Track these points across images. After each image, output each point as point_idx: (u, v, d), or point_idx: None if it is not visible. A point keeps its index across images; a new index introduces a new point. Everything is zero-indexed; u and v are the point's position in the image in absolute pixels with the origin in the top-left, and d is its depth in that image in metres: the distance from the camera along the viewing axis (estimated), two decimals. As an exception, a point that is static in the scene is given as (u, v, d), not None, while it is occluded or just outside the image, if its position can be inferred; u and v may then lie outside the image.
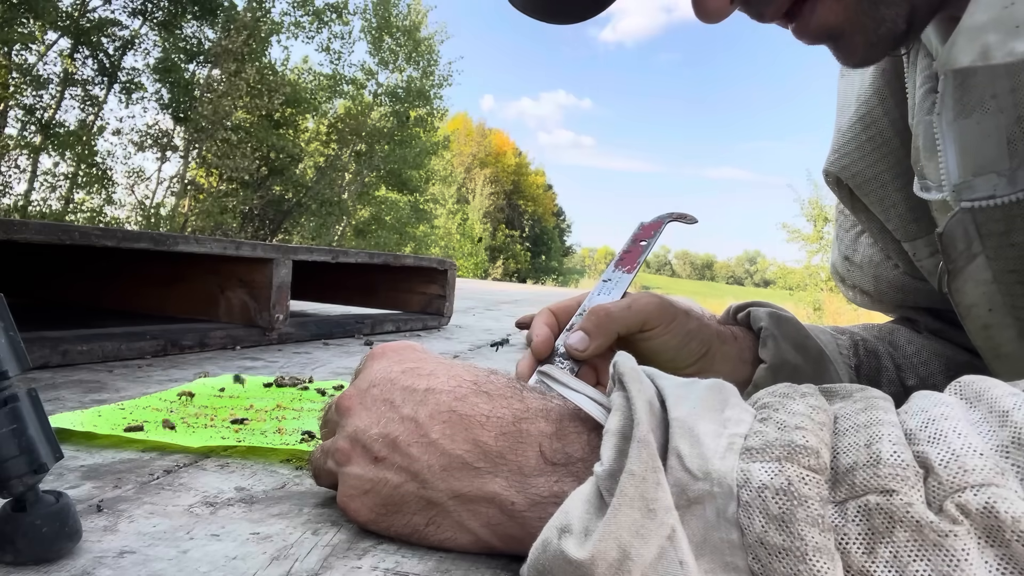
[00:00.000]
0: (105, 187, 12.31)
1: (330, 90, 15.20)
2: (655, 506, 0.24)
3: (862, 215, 0.59)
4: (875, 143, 0.53)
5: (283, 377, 0.74)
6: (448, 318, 1.59)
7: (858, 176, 0.55)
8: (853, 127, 0.55)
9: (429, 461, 0.32)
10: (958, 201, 0.44)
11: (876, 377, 0.61)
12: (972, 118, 0.42)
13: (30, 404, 0.30)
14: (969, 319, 0.49)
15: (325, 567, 0.31)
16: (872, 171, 0.54)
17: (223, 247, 1.01)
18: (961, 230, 0.45)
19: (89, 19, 11.36)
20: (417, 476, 0.33)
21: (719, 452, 0.26)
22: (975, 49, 0.35)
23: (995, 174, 0.42)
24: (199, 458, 0.47)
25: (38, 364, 0.76)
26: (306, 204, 14.79)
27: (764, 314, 0.56)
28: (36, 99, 11.20)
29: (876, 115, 0.53)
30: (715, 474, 0.25)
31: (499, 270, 32.67)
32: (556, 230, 43.63)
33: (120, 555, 0.31)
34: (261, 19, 12.83)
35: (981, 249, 0.45)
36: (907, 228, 0.54)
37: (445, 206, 23.55)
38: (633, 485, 0.25)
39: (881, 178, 0.54)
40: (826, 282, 13.85)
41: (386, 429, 0.34)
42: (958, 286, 0.48)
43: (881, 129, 0.53)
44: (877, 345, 0.63)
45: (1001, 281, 0.45)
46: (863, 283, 0.66)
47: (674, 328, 0.51)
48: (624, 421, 0.27)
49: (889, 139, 0.53)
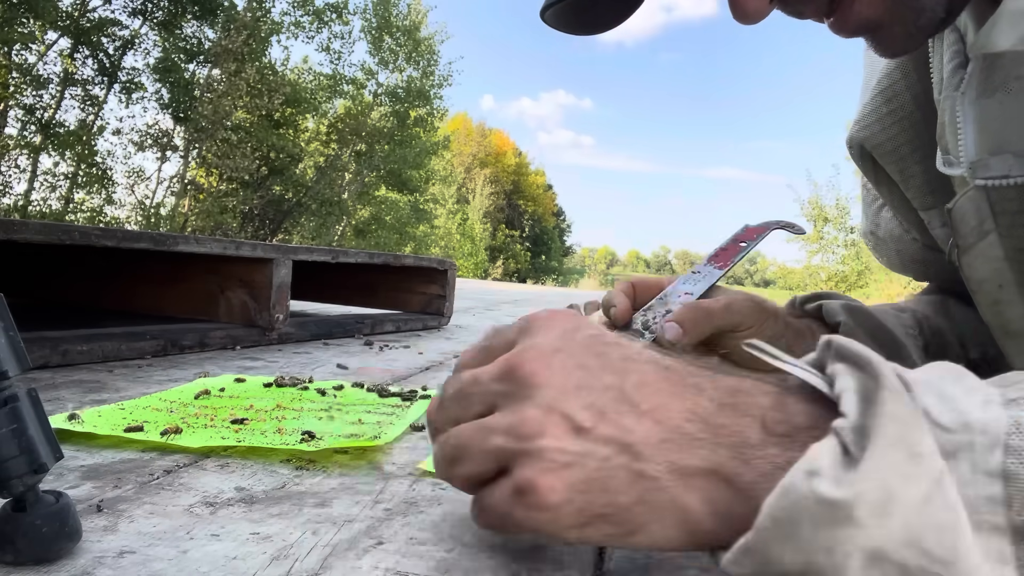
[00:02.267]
0: (105, 187, 12.31)
1: (330, 90, 15.20)
2: (919, 449, 0.23)
3: (884, 187, 0.60)
4: (896, 116, 0.55)
5: (283, 377, 0.74)
6: (448, 318, 1.59)
7: (879, 147, 0.56)
8: (875, 99, 0.56)
9: (645, 432, 0.29)
10: (973, 178, 0.44)
11: (943, 354, 0.61)
12: (995, 98, 0.42)
13: (30, 404, 0.30)
14: (980, 294, 0.50)
15: (325, 567, 0.31)
16: (892, 143, 0.56)
17: (223, 247, 1.01)
18: (973, 207, 0.46)
19: (89, 19, 11.36)
20: (630, 448, 0.29)
21: (976, 405, 0.25)
22: (1016, 33, 0.35)
23: (1011, 155, 0.42)
24: (199, 458, 0.47)
25: (38, 364, 0.76)
26: (306, 204, 14.80)
27: (839, 308, 0.57)
28: (36, 99, 11.21)
29: (898, 89, 0.55)
30: (976, 424, 0.24)
31: (499, 270, 32.66)
32: (556, 230, 43.62)
33: (120, 555, 0.31)
34: (261, 19, 12.83)
35: (994, 227, 0.46)
36: (924, 199, 0.56)
37: (445, 206, 23.55)
38: (895, 428, 0.23)
39: (901, 150, 0.55)
40: (826, 282, 13.85)
41: (589, 398, 0.30)
42: (969, 261, 0.49)
43: (903, 103, 0.54)
44: (939, 322, 0.64)
45: (1012, 259, 0.46)
46: (888, 256, 0.68)
47: (764, 330, 0.52)
48: (861, 382, 0.26)
49: (911, 112, 0.54)
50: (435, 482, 0.45)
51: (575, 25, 0.47)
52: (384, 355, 1.06)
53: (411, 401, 0.69)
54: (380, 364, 0.97)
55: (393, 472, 0.47)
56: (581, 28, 0.47)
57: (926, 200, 0.56)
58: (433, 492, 0.43)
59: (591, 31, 0.47)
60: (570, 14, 0.46)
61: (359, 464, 0.48)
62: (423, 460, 0.49)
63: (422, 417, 0.63)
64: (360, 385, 0.75)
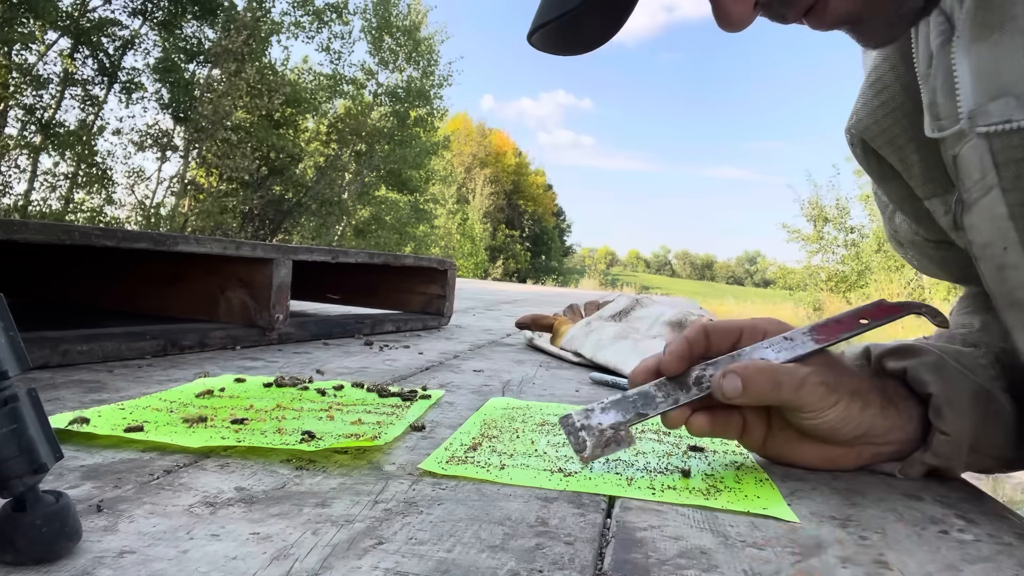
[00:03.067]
0: (105, 187, 12.31)
1: (330, 90, 15.21)
2: None
3: (890, 183, 0.59)
4: (887, 108, 0.54)
5: (283, 377, 0.74)
6: (448, 318, 1.59)
7: (876, 139, 0.56)
8: (865, 92, 0.56)
9: None
10: (973, 128, 0.43)
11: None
12: (990, 40, 0.41)
13: (30, 404, 0.30)
14: (983, 260, 0.48)
15: (325, 567, 0.31)
16: (887, 135, 0.55)
17: (223, 247, 1.01)
18: (976, 158, 0.45)
19: (89, 19, 11.35)
20: None
21: None
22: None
23: (1013, 97, 0.41)
24: (199, 458, 0.47)
25: (38, 364, 0.76)
26: (306, 204, 14.79)
27: (928, 371, 0.51)
28: (36, 99, 11.21)
29: (888, 80, 0.54)
30: None
31: (499, 270, 32.66)
32: (556, 230, 43.61)
33: (120, 555, 0.31)
34: (261, 19, 12.83)
35: (996, 181, 0.44)
36: (924, 187, 0.55)
37: (445, 206, 23.55)
38: None
39: (896, 140, 0.55)
40: (826, 282, 13.85)
41: None
42: (972, 222, 0.48)
43: (893, 93, 0.54)
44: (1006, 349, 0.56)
45: (1016, 217, 0.44)
46: (918, 260, 0.66)
47: (825, 417, 0.48)
48: None
49: (902, 103, 0.53)
50: (435, 482, 0.45)
51: (562, 46, 0.47)
52: (384, 355, 1.06)
53: (411, 401, 0.69)
54: (380, 364, 0.97)
55: (393, 472, 0.47)
56: (568, 49, 0.47)
57: (927, 188, 0.54)
58: (433, 492, 0.43)
59: (578, 51, 0.47)
60: (556, 36, 0.46)
61: (359, 464, 0.48)
62: (423, 460, 0.49)
63: (422, 417, 0.63)
64: (360, 385, 0.75)
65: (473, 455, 0.51)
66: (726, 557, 0.35)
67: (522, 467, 0.48)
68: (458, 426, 0.61)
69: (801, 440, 0.51)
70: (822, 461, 0.51)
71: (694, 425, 0.49)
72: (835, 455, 0.51)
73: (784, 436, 0.51)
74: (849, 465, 0.52)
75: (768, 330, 0.51)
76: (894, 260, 12.65)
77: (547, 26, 0.45)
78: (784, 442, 0.51)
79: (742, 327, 0.51)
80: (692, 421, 0.49)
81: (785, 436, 0.51)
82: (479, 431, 0.58)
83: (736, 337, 0.51)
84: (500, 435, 0.57)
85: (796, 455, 0.51)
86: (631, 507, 0.42)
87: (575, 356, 1.11)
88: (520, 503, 0.42)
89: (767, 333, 0.51)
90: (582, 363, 1.08)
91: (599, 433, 0.47)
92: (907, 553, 0.37)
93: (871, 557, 0.36)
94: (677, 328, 1.12)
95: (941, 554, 0.38)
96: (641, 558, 0.35)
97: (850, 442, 0.50)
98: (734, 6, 0.40)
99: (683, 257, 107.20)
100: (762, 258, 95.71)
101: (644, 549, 0.36)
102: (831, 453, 0.51)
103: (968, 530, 0.42)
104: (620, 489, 0.45)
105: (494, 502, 0.42)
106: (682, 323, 1.12)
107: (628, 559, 0.34)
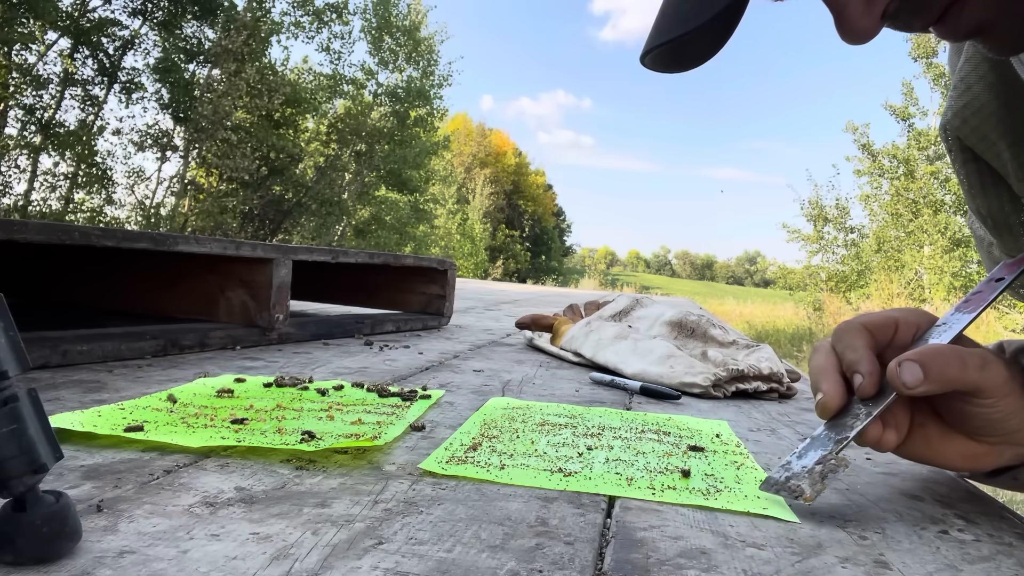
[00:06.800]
0: (105, 187, 12.31)
1: (330, 90, 15.20)
2: None
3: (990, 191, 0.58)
4: (971, 108, 0.54)
5: (283, 377, 0.74)
6: (448, 318, 1.59)
7: (967, 138, 0.55)
8: (950, 95, 0.56)
9: None
10: None
11: None
12: None
13: (30, 404, 0.30)
14: None
15: (325, 567, 0.31)
16: (976, 135, 0.55)
17: (223, 247, 1.01)
18: None
19: (89, 19, 11.36)
20: None
21: None
22: None
23: None
24: (199, 458, 0.47)
25: (38, 364, 0.76)
26: (306, 204, 14.79)
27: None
28: (36, 99, 11.21)
29: (971, 81, 0.54)
30: None
31: (499, 270, 32.65)
32: (556, 230, 43.61)
33: (120, 555, 0.31)
34: (261, 19, 12.83)
35: None
36: (1019, 184, 0.54)
37: (445, 206, 23.54)
38: None
39: (988, 138, 0.54)
40: (826, 282, 13.86)
41: None
42: None
43: (976, 94, 0.54)
44: None
45: None
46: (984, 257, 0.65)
47: (1001, 404, 0.44)
48: None
49: (987, 102, 0.53)
50: (435, 482, 0.45)
51: (671, 65, 0.47)
52: (384, 355, 1.06)
53: (411, 401, 0.69)
54: (380, 364, 0.97)
55: (393, 472, 0.47)
56: (676, 67, 0.47)
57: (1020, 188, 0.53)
58: (433, 492, 0.43)
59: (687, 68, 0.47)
60: (667, 57, 0.46)
61: (359, 464, 0.48)
62: (423, 460, 0.49)
63: (422, 417, 0.63)
64: (360, 385, 0.75)
65: (473, 455, 0.51)
66: (726, 557, 0.35)
67: (522, 467, 0.48)
68: (458, 426, 0.61)
69: (944, 437, 0.47)
70: (963, 460, 0.47)
71: (887, 442, 0.45)
72: (979, 453, 0.46)
73: (923, 433, 0.47)
74: (989, 466, 0.47)
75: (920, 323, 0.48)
76: (894, 260, 12.65)
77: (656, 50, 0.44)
78: (923, 439, 0.47)
79: (896, 319, 0.48)
80: (885, 438, 0.45)
81: (924, 433, 0.47)
82: (479, 431, 0.58)
83: (893, 330, 0.48)
84: (500, 435, 0.57)
85: (937, 453, 0.47)
86: (631, 507, 0.42)
87: (575, 356, 1.11)
88: (520, 503, 0.42)
89: (919, 327, 0.48)
90: (582, 363, 1.08)
91: (808, 474, 0.43)
92: (907, 553, 0.37)
93: (871, 557, 0.36)
94: (677, 328, 1.12)
95: (941, 554, 0.38)
96: (641, 558, 0.35)
97: (1000, 438, 0.46)
98: (860, 20, 0.38)
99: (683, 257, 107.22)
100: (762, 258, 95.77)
101: (644, 549, 0.36)
102: (975, 450, 0.46)
103: (968, 530, 0.42)
104: (620, 489, 0.45)
105: (494, 502, 0.42)
106: (682, 323, 1.12)
107: (628, 559, 0.34)
